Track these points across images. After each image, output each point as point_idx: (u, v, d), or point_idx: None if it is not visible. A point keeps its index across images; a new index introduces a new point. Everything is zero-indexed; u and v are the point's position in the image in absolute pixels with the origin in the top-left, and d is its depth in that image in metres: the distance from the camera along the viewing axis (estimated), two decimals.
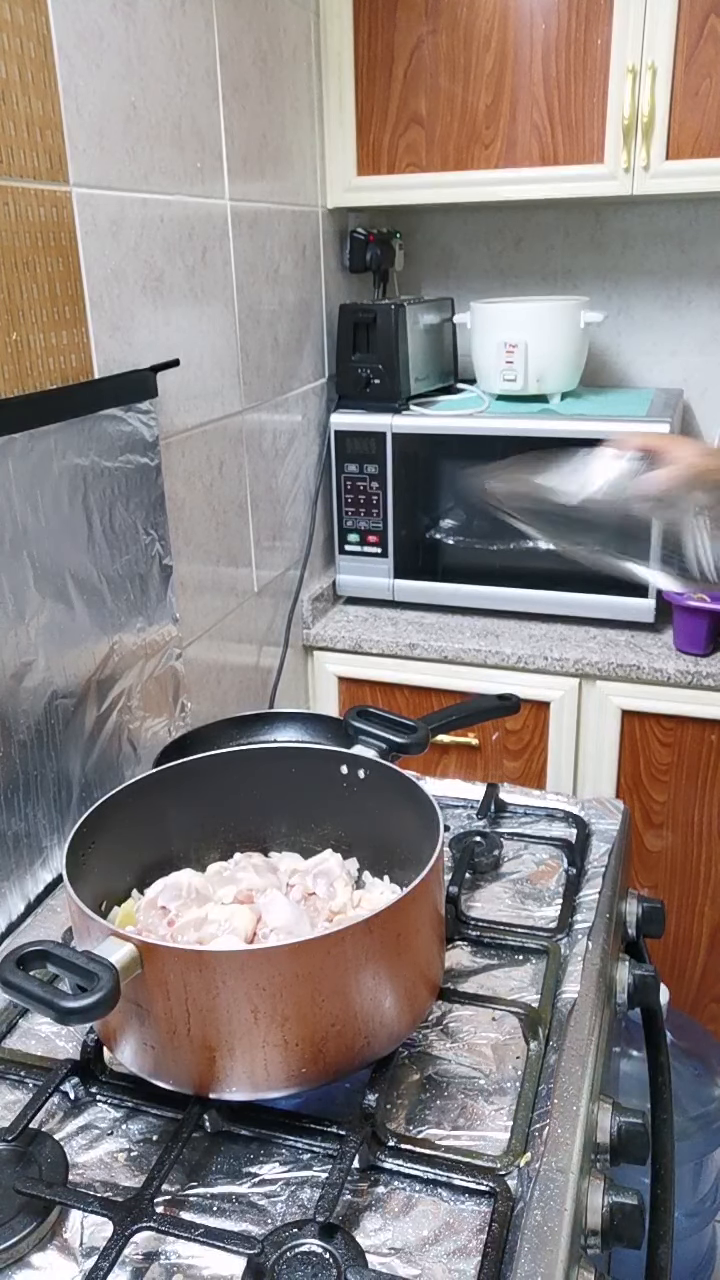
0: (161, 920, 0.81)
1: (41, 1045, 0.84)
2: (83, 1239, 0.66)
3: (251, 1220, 0.67)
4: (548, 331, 1.77)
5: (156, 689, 1.25)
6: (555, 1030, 0.81)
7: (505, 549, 1.78)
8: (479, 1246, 0.65)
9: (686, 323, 2.00)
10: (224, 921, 0.79)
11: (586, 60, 1.60)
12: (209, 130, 1.35)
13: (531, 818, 1.13)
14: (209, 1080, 0.70)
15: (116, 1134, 0.75)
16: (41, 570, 1.01)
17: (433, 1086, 0.78)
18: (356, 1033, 0.71)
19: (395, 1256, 0.64)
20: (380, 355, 1.78)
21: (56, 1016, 0.63)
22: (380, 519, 1.83)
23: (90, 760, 1.11)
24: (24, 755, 1.00)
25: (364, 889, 0.90)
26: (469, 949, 0.92)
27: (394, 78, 1.70)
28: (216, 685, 1.51)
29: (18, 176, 0.99)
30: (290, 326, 1.68)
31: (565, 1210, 0.64)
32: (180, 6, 1.25)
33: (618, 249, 2.01)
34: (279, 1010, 0.67)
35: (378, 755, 0.92)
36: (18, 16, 0.97)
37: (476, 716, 1.07)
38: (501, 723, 1.72)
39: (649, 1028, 1.02)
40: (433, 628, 1.80)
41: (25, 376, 1.01)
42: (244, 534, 1.56)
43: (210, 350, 1.40)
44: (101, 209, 1.12)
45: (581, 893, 0.98)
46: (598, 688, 1.67)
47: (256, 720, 1.09)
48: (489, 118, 1.67)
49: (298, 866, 0.90)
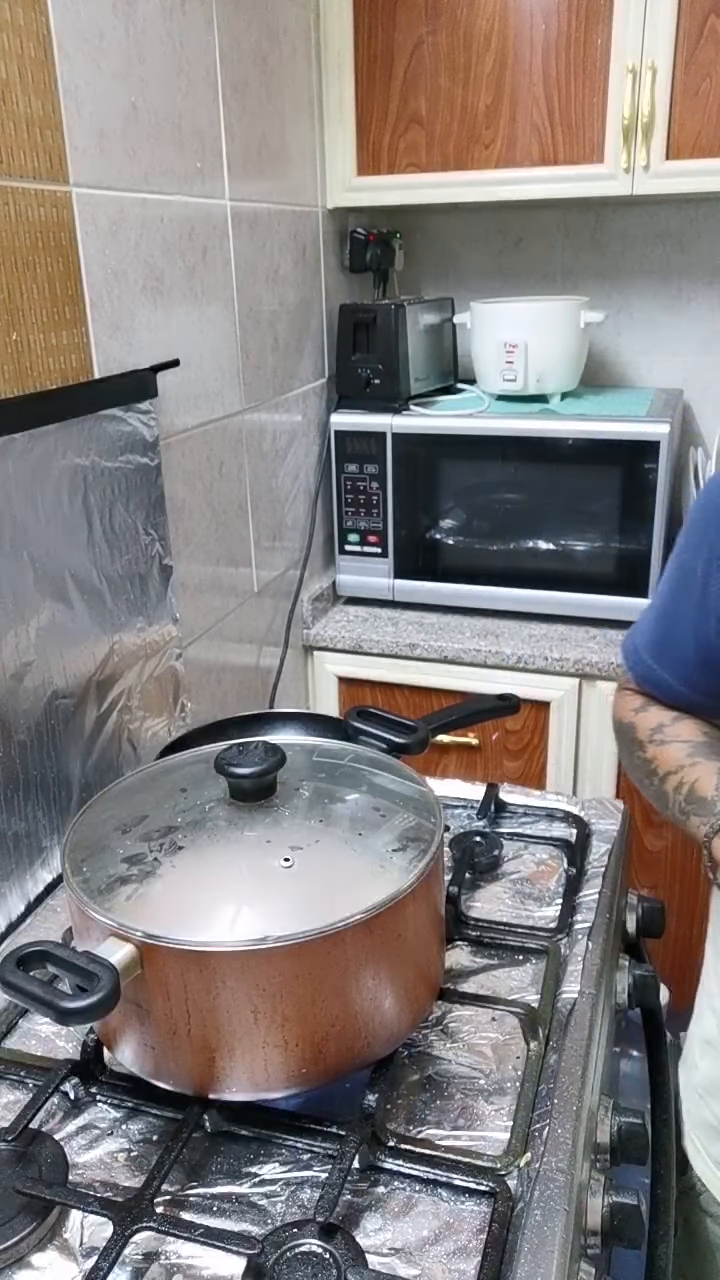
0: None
1: (41, 1045, 0.84)
2: (83, 1239, 0.66)
3: (251, 1220, 0.67)
4: (548, 331, 1.77)
5: (156, 689, 1.25)
6: (555, 1030, 0.81)
7: (505, 549, 1.78)
8: (479, 1246, 0.65)
9: (686, 323, 2.00)
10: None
11: (586, 60, 1.60)
12: (209, 130, 1.35)
13: (531, 818, 1.13)
14: (209, 1080, 0.70)
15: (116, 1134, 0.75)
16: (41, 570, 1.01)
17: (433, 1086, 0.78)
18: (356, 1033, 0.71)
19: (395, 1256, 0.64)
20: (380, 355, 1.78)
21: (56, 1017, 0.63)
22: (380, 519, 1.83)
23: (90, 760, 1.11)
24: (24, 755, 1.00)
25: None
26: (469, 949, 0.92)
27: (394, 77, 1.70)
28: (216, 685, 1.51)
29: (18, 176, 0.99)
30: (290, 326, 1.68)
31: (565, 1210, 0.64)
32: (180, 6, 1.25)
33: (618, 249, 2.01)
34: (279, 1010, 0.67)
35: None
36: (18, 16, 0.97)
37: (476, 716, 1.07)
38: (501, 723, 1.72)
39: (649, 1028, 1.02)
40: (433, 628, 1.80)
41: (25, 376, 1.01)
42: (244, 534, 1.56)
43: (210, 350, 1.40)
44: (101, 209, 1.12)
45: (581, 893, 0.98)
46: (598, 688, 1.66)
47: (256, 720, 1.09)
48: (489, 118, 1.67)
49: None
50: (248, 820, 0.78)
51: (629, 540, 1.70)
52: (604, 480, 1.69)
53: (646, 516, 1.67)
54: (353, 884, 0.73)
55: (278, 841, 0.76)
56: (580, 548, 1.74)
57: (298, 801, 0.80)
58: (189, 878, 0.74)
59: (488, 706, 1.08)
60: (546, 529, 1.75)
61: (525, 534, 1.76)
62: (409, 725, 0.98)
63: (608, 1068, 0.86)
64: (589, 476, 1.70)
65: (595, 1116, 0.75)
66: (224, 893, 0.73)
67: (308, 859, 0.74)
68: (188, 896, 0.73)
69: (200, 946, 0.66)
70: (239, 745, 0.81)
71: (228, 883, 0.74)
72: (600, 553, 1.73)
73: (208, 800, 0.80)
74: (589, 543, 1.73)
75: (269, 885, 0.73)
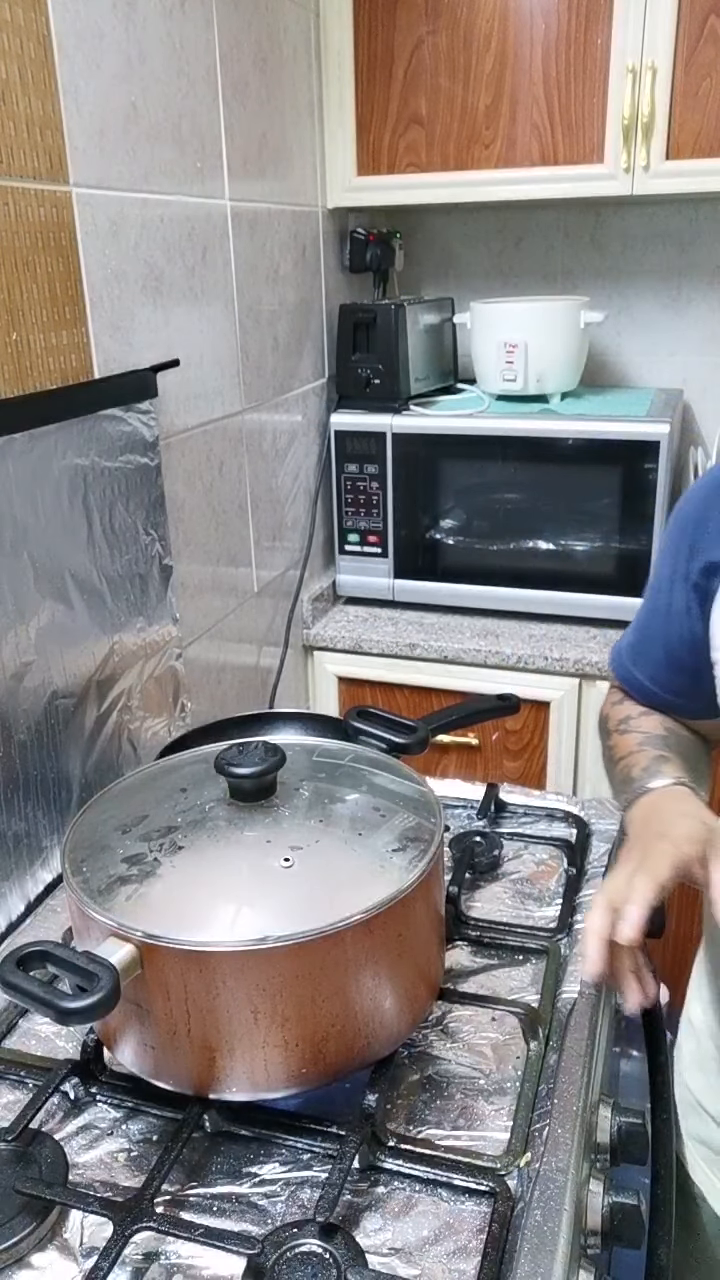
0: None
1: (41, 1045, 0.84)
2: (83, 1239, 0.67)
3: (251, 1220, 0.67)
4: (548, 331, 1.77)
5: (156, 689, 1.25)
6: (555, 1030, 0.81)
7: (505, 549, 1.78)
8: (479, 1246, 0.65)
9: (686, 323, 2.00)
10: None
11: (586, 60, 1.60)
12: (209, 130, 1.35)
13: (531, 818, 1.13)
14: (209, 1080, 0.70)
15: (116, 1134, 0.75)
16: (41, 570, 1.01)
17: (433, 1086, 0.78)
18: (356, 1033, 0.71)
19: (395, 1256, 0.64)
20: (380, 355, 1.78)
21: (56, 1017, 0.63)
22: (380, 519, 1.83)
23: (90, 760, 1.11)
24: (24, 755, 1.00)
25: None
26: (469, 949, 0.92)
27: (394, 78, 1.70)
28: (216, 685, 1.51)
29: (18, 176, 0.99)
30: (290, 326, 1.68)
31: (565, 1210, 0.64)
32: (180, 6, 1.25)
33: (618, 249, 2.01)
34: (279, 1010, 0.67)
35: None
36: (18, 16, 0.97)
37: (476, 716, 1.07)
38: (501, 723, 1.72)
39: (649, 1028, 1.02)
40: (433, 628, 1.80)
41: (25, 376, 1.01)
42: (244, 534, 1.56)
43: (210, 350, 1.40)
44: (101, 209, 1.12)
45: (581, 893, 0.98)
46: (598, 688, 1.66)
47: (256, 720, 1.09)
48: (489, 118, 1.67)
49: None
50: (248, 820, 0.78)
51: (629, 540, 1.70)
52: (604, 480, 1.69)
53: (646, 516, 1.67)
54: (353, 884, 0.73)
55: (278, 841, 0.76)
56: (580, 548, 1.74)
57: (298, 801, 0.80)
58: (189, 878, 0.74)
59: (488, 706, 1.08)
60: (546, 529, 1.75)
61: (525, 534, 1.76)
62: (409, 725, 0.98)
63: (608, 1068, 0.86)
64: (589, 476, 1.70)
65: (595, 1116, 0.75)
66: (224, 893, 0.73)
67: (308, 859, 0.74)
68: (188, 896, 0.73)
69: (200, 946, 0.66)
70: (239, 745, 0.81)
71: (228, 883, 0.74)
72: (600, 553, 1.73)
73: (208, 800, 0.80)
74: (589, 543, 1.73)
75: (269, 885, 0.73)
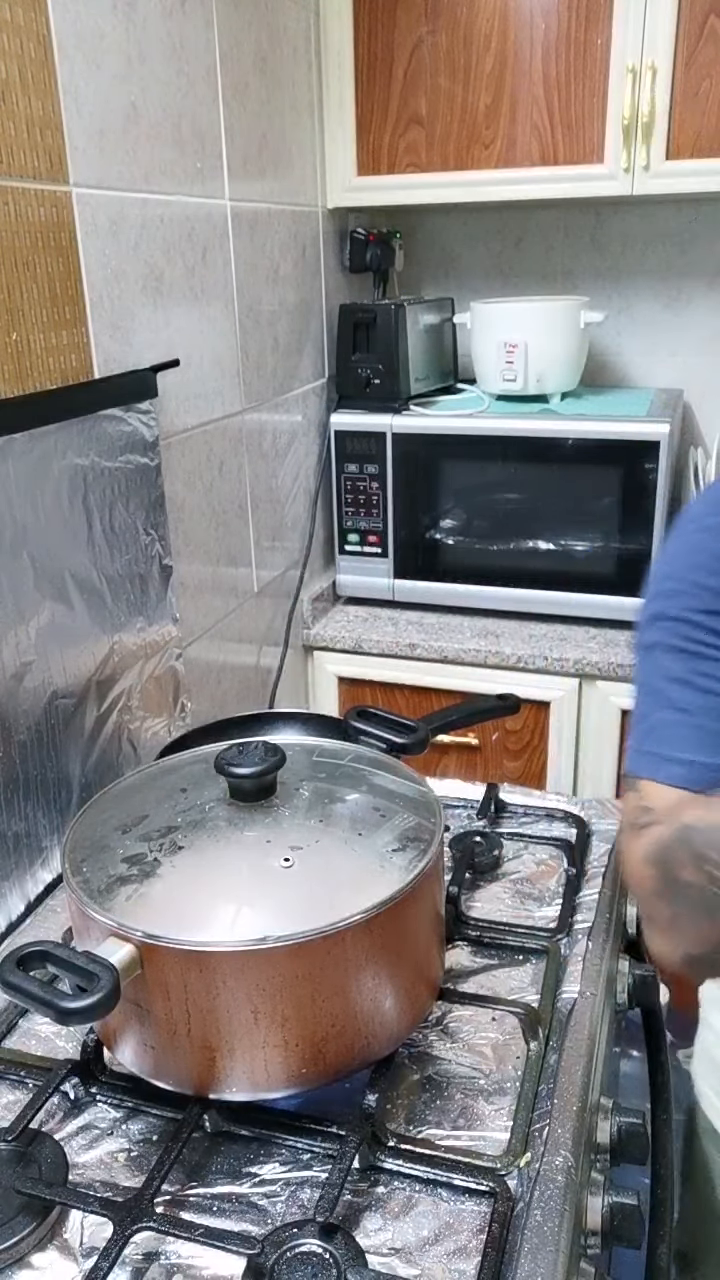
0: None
1: (41, 1045, 0.84)
2: (83, 1239, 0.66)
3: (251, 1220, 0.67)
4: (547, 331, 1.77)
5: (156, 689, 1.25)
6: (555, 1030, 0.81)
7: (505, 549, 1.78)
8: (479, 1246, 0.65)
9: (686, 323, 2.00)
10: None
11: (586, 60, 1.60)
12: (209, 130, 1.35)
13: (531, 818, 1.13)
14: (209, 1081, 0.70)
15: (116, 1134, 0.75)
16: (41, 570, 1.01)
17: (433, 1086, 0.78)
18: (356, 1033, 0.71)
19: (395, 1256, 0.64)
20: (380, 355, 1.78)
21: (56, 1017, 0.63)
22: (380, 519, 1.83)
23: (90, 760, 1.11)
24: (24, 755, 1.00)
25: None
26: (469, 949, 0.92)
27: (394, 78, 1.70)
28: (216, 685, 1.51)
29: (18, 176, 0.99)
30: (290, 326, 1.68)
31: (565, 1210, 0.64)
32: (180, 6, 1.25)
33: (618, 249, 2.01)
34: (279, 1010, 0.67)
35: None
36: (18, 16, 0.97)
37: (476, 716, 1.07)
38: (501, 723, 1.72)
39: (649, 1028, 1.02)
40: (433, 628, 1.80)
41: (25, 376, 1.01)
42: (244, 534, 1.56)
43: (210, 350, 1.40)
44: (101, 209, 1.12)
45: (581, 893, 0.98)
46: (598, 688, 1.66)
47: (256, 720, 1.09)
48: (489, 118, 1.67)
49: None
50: (248, 820, 0.78)
51: (629, 540, 1.70)
52: (604, 480, 1.69)
53: (646, 517, 1.67)
54: (353, 884, 0.73)
55: (278, 841, 0.76)
56: (580, 548, 1.74)
57: (298, 801, 0.80)
58: (189, 878, 0.74)
59: (488, 706, 1.08)
60: (546, 529, 1.75)
61: (525, 534, 1.76)
62: (409, 725, 0.98)
63: (608, 1068, 0.86)
64: (589, 476, 1.70)
65: (595, 1116, 0.75)
66: (224, 893, 0.73)
67: (308, 859, 0.74)
68: (188, 896, 0.73)
69: (200, 946, 0.66)
70: (239, 745, 0.81)
71: (228, 883, 0.74)
72: (600, 553, 1.73)
73: (208, 800, 0.80)
74: (589, 543, 1.73)
75: (269, 885, 0.73)
